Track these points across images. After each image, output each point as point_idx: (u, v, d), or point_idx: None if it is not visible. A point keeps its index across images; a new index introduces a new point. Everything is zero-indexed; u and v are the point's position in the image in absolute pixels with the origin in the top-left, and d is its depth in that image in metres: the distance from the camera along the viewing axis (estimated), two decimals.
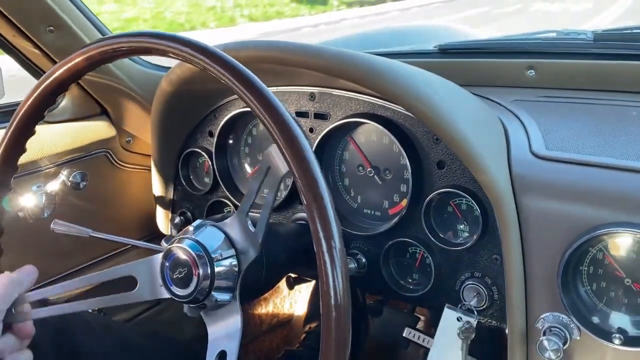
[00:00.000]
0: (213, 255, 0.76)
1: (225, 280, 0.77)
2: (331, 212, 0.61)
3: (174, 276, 0.77)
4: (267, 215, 0.73)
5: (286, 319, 1.68)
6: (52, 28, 1.04)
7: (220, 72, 0.65)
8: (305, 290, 1.71)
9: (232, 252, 0.77)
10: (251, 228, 0.75)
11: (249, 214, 0.76)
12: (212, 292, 0.75)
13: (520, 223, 0.83)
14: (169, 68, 1.08)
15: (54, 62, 1.10)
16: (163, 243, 1.21)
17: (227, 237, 0.78)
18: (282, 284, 1.34)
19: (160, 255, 0.79)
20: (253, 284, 0.79)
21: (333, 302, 0.60)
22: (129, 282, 0.80)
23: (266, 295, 1.29)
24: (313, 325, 1.52)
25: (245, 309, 1.34)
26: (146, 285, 0.79)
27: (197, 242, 0.77)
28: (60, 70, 0.74)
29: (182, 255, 0.77)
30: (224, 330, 0.77)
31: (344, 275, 0.61)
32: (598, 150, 0.84)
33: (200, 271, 0.75)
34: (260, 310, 1.59)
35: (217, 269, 0.76)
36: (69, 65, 0.73)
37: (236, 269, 0.77)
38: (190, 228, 0.79)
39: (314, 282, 1.47)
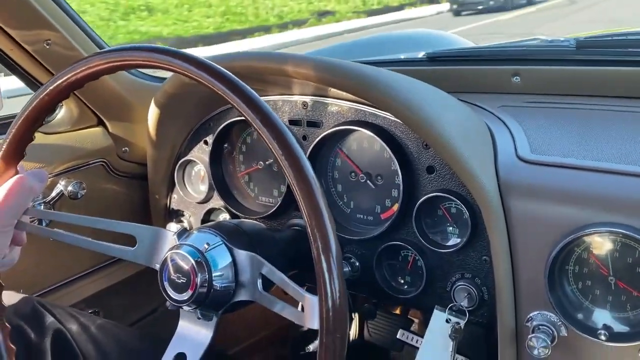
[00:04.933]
0: (214, 275, 0.79)
1: (215, 302, 0.80)
2: (329, 228, 0.63)
3: (172, 277, 0.79)
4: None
5: (283, 325, 1.69)
6: (49, 41, 1.07)
7: (215, 86, 0.68)
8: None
9: (232, 282, 0.79)
10: (259, 286, 0.76)
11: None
12: (198, 309, 0.78)
13: (508, 225, 0.85)
14: (165, 79, 1.11)
15: (52, 75, 1.12)
16: (172, 226, 1.22)
17: (234, 265, 0.79)
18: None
19: (170, 234, 0.82)
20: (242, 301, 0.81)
21: (331, 309, 0.62)
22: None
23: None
24: (305, 330, 1.54)
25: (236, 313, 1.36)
26: (144, 250, 0.81)
27: (205, 260, 0.79)
28: (61, 79, 0.76)
29: (186, 266, 0.79)
30: (194, 336, 0.80)
31: (341, 284, 0.63)
32: (581, 153, 0.87)
33: (197, 289, 0.78)
34: (253, 315, 1.61)
35: (212, 289, 0.78)
36: (68, 75, 0.75)
37: (229, 295, 0.79)
38: (205, 245, 0.81)
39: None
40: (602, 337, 0.78)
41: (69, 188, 1.11)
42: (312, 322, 0.65)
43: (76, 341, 0.97)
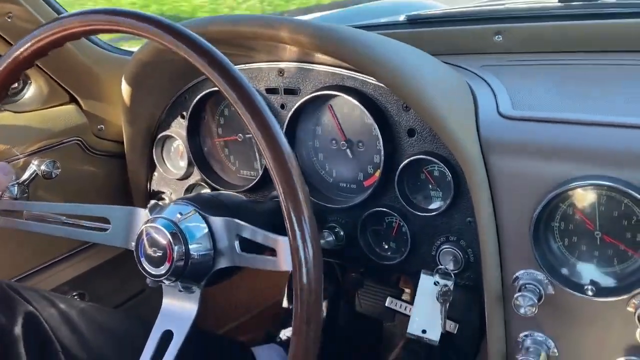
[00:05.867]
0: (191, 244, 0.77)
1: (195, 272, 0.78)
2: (303, 196, 0.61)
3: (148, 252, 0.78)
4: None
5: (270, 302, 1.68)
6: (10, 14, 1.02)
7: (184, 51, 0.65)
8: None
9: (210, 249, 0.78)
10: (237, 248, 0.75)
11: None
12: (178, 281, 0.76)
13: (491, 184, 0.83)
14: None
15: None
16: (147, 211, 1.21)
17: (210, 232, 0.78)
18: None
19: (143, 212, 0.81)
20: (224, 270, 0.79)
21: (305, 280, 0.61)
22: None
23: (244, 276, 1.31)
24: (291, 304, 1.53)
25: (224, 291, 1.35)
26: (118, 231, 0.81)
27: (180, 231, 0.77)
28: (23, 47, 0.72)
29: (161, 239, 0.77)
30: (179, 311, 0.79)
31: (311, 224, 0.61)
32: (564, 107, 0.84)
33: (175, 261, 0.76)
34: (242, 295, 1.60)
35: (190, 262, 0.77)
36: (34, 40, 0.72)
37: (209, 264, 0.78)
38: (178, 215, 0.79)
39: None
40: (590, 293, 0.77)
41: (42, 167, 1.08)
42: (287, 263, 0.64)
43: (50, 326, 0.94)
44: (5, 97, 0.76)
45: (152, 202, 1.16)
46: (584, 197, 0.78)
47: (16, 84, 1.13)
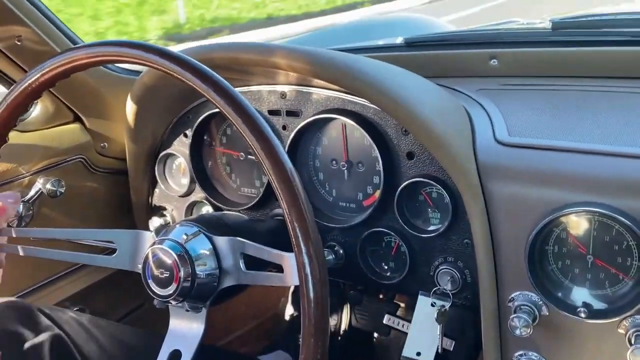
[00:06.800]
0: (197, 265, 0.79)
1: (201, 292, 0.80)
2: (307, 213, 0.64)
3: (155, 273, 0.80)
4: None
5: (269, 314, 1.70)
6: (20, 37, 1.04)
7: (191, 80, 0.68)
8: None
9: (215, 269, 0.80)
10: (242, 266, 0.77)
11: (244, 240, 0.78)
12: (185, 301, 0.78)
13: (488, 208, 0.86)
14: (140, 72, 1.09)
15: (24, 71, 1.10)
16: (155, 220, 1.22)
17: (215, 252, 0.80)
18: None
19: (149, 234, 0.83)
20: (229, 289, 0.81)
21: (312, 295, 0.63)
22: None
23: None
24: (295, 317, 1.55)
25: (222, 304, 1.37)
26: (125, 254, 0.83)
27: (187, 252, 0.80)
28: (32, 79, 0.75)
29: (168, 261, 0.79)
30: (186, 331, 0.81)
31: (322, 268, 0.64)
32: (557, 134, 0.88)
33: (181, 282, 0.78)
34: (241, 307, 1.62)
35: (196, 282, 0.79)
36: (41, 73, 0.74)
37: (215, 284, 0.80)
38: (183, 236, 0.82)
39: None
40: (582, 315, 0.80)
41: (48, 186, 1.10)
42: (293, 278, 0.66)
43: (76, 344, 0.96)
44: (15, 126, 0.78)
45: (158, 224, 1.18)
46: (577, 223, 0.81)
47: None
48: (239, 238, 0.79)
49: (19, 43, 1.05)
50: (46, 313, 0.98)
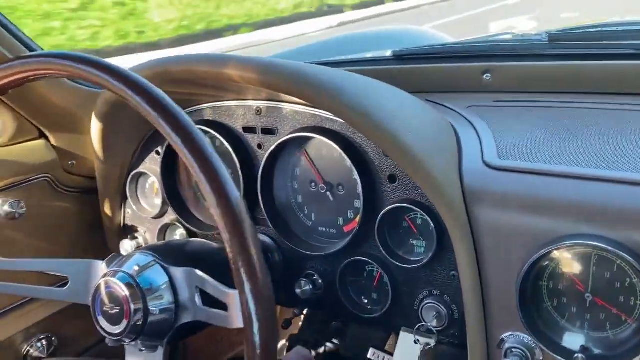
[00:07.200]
0: (150, 299, 0.73)
1: (156, 330, 0.73)
2: (252, 243, 0.56)
3: (105, 309, 0.73)
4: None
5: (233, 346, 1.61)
6: None
7: (134, 100, 0.60)
8: None
9: (171, 303, 0.73)
10: (198, 301, 0.71)
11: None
12: (138, 339, 0.71)
13: (475, 237, 0.78)
14: None
15: None
16: (126, 243, 1.16)
17: (172, 285, 0.74)
18: None
19: (101, 265, 0.78)
20: (190, 325, 0.74)
21: (258, 340, 0.55)
22: None
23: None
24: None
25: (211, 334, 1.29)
26: (77, 287, 0.78)
27: (137, 285, 0.73)
28: None
29: (118, 295, 0.73)
30: None
31: (268, 308, 0.55)
32: (552, 157, 0.79)
33: (132, 317, 0.72)
34: (220, 328, 1.53)
35: (150, 318, 0.72)
36: None
37: (172, 320, 0.73)
38: (135, 267, 0.75)
39: None
40: None
41: (5, 208, 1.02)
42: (237, 320, 0.59)
43: None
44: None
45: (129, 246, 1.11)
46: (574, 257, 0.73)
47: None
48: (195, 270, 0.71)
49: None
50: None
